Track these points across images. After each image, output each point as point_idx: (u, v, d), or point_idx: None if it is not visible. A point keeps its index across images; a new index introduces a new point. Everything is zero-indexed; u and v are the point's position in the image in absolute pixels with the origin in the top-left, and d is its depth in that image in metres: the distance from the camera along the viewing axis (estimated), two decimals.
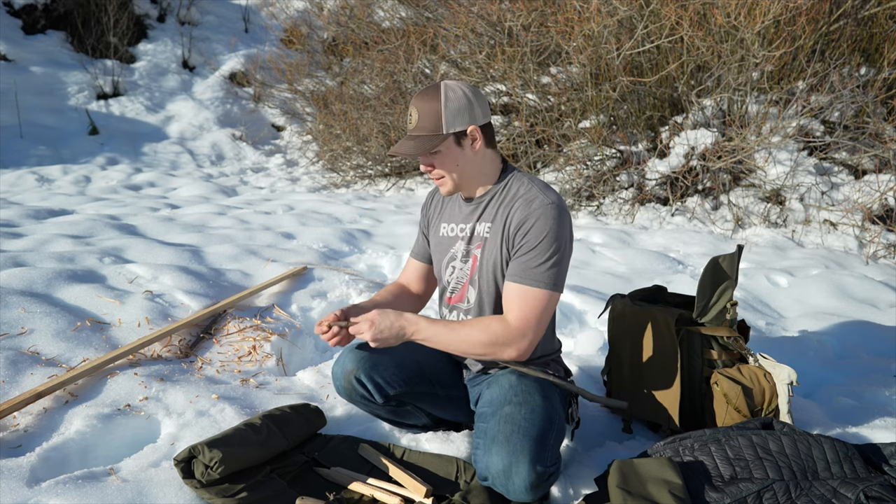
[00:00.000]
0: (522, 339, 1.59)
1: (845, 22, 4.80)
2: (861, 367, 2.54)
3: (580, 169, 5.55)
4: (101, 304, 2.64)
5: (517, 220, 1.63)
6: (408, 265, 2.01)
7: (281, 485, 1.64)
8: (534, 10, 5.72)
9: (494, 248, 1.69)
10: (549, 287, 1.60)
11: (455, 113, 1.63)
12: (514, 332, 1.59)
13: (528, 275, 1.60)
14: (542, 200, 1.62)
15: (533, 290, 1.59)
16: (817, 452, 1.56)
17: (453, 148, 1.66)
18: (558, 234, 1.61)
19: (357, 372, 1.74)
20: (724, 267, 1.96)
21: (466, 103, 1.64)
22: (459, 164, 1.68)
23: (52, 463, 1.70)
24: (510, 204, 1.68)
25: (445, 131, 1.63)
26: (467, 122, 1.65)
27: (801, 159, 4.82)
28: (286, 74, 9.53)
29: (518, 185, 1.70)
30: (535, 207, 1.62)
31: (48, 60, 9.24)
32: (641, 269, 3.78)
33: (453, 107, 1.63)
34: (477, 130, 1.66)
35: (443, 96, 1.63)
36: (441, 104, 1.62)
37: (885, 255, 4.16)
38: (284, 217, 5.04)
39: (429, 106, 1.63)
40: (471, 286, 1.77)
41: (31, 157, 7.78)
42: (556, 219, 1.61)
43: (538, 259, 1.60)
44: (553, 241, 1.60)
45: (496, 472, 1.48)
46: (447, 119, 1.62)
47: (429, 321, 1.64)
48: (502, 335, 1.59)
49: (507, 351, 1.60)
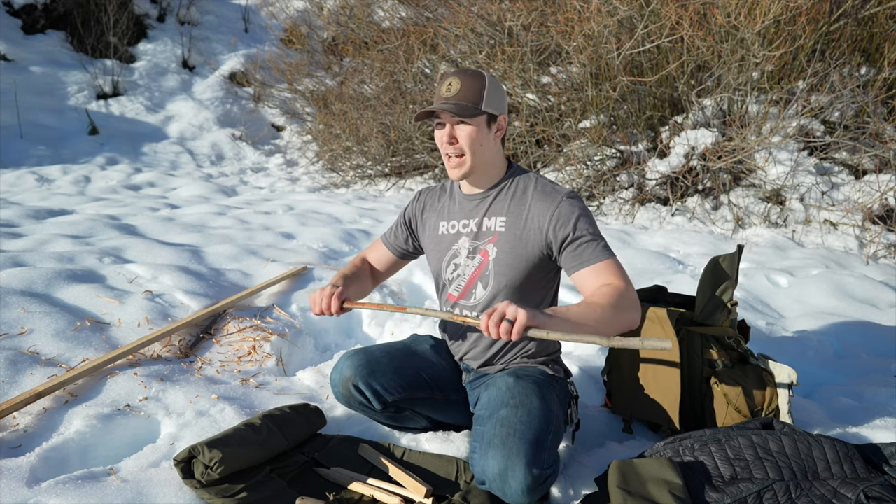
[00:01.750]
0: (636, 300, 1.60)
1: (846, 22, 4.80)
2: (861, 367, 2.54)
3: (580, 169, 5.55)
4: (100, 304, 2.64)
5: (553, 217, 1.68)
6: (378, 248, 2.05)
7: (281, 485, 1.64)
8: (534, 9, 5.72)
9: (514, 242, 1.72)
10: (612, 255, 1.66)
11: (495, 96, 1.70)
12: (629, 295, 1.58)
13: (597, 254, 1.64)
14: (561, 192, 1.71)
15: (608, 263, 1.64)
16: (817, 452, 1.56)
17: (483, 127, 1.70)
18: (587, 211, 1.70)
19: (355, 379, 1.74)
20: (725, 267, 1.96)
21: (503, 93, 1.74)
22: (483, 144, 1.72)
23: (51, 463, 1.70)
24: (524, 199, 1.73)
25: (483, 107, 1.68)
26: (501, 109, 1.72)
27: (802, 159, 4.81)
28: (286, 74, 9.53)
29: (527, 182, 1.77)
30: (563, 200, 1.68)
31: (48, 60, 9.23)
32: (641, 269, 3.77)
33: (494, 91, 1.70)
34: (505, 120, 1.74)
35: (487, 78, 1.70)
36: (485, 84, 1.69)
37: (886, 255, 4.16)
38: (284, 217, 5.04)
39: (472, 81, 1.68)
40: (479, 282, 1.76)
41: (30, 156, 7.78)
42: (580, 201, 1.71)
43: (593, 240, 1.66)
44: (590, 218, 1.69)
45: (492, 475, 1.48)
46: (488, 98, 1.69)
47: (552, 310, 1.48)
48: (627, 300, 1.56)
49: (636, 315, 1.58)
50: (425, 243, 1.93)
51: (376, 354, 1.79)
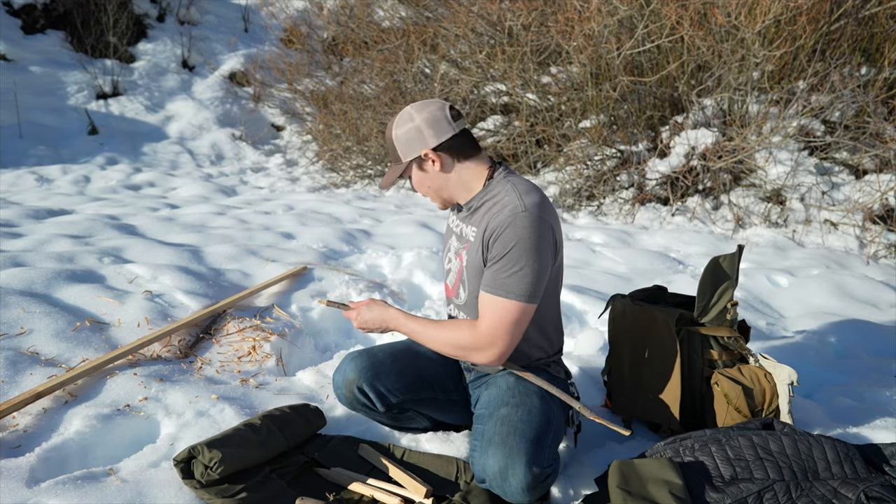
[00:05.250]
0: (490, 347, 1.58)
1: (846, 21, 4.79)
2: (861, 367, 2.54)
3: (580, 169, 5.55)
4: (100, 304, 2.64)
5: (491, 227, 1.59)
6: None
7: (281, 485, 1.64)
8: (534, 9, 5.71)
9: (475, 252, 1.67)
10: (520, 298, 1.54)
11: (406, 143, 1.66)
12: (482, 339, 1.58)
13: (497, 285, 1.56)
14: (515, 208, 1.55)
15: (502, 301, 1.55)
16: (818, 453, 1.56)
17: (418, 173, 1.70)
18: (530, 243, 1.53)
19: (359, 381, 1.74)
20: (725, 267, 1.96)
21: (414, 131, 1.64)
22: (431, 185, 1.71)
23: (51, 463, 1.70)
24: (490, 209, 1.64)
25: (405, 160, 1.68)
26: (419, 148, 1.65)
27: (802, 159, 4.81)
28: (286, 74, 9.51)
29: (499, 190, 1.64)
30: (506, 215, 1.55)
31: (48, 60, 9.23)
32: (642, 269, 3.77)
33: (403, 137, 1.66)
34: (432, 153, 1.64)
35: (395, 128, 1.67)
36: (393, 136, 1.68)
37: (886, 255, 4.16)
38: (284, 217, 5.04)
39: (389, 137, 1.70)
40: (461, 283, 1.77)
41: (30, 156, 7.77)
42: (528, 227, 1.53)
43: (508, 269, 1.54)
44: (524, 250, 1.53)
45: (492, 474, 1.48)
46: (402, 149, 1.67)
47: (408, 318, 1.71)
48: (470, 341, 1.60)
49: (476, 356, 1.62)
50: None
51: (379, 356, 1.79)
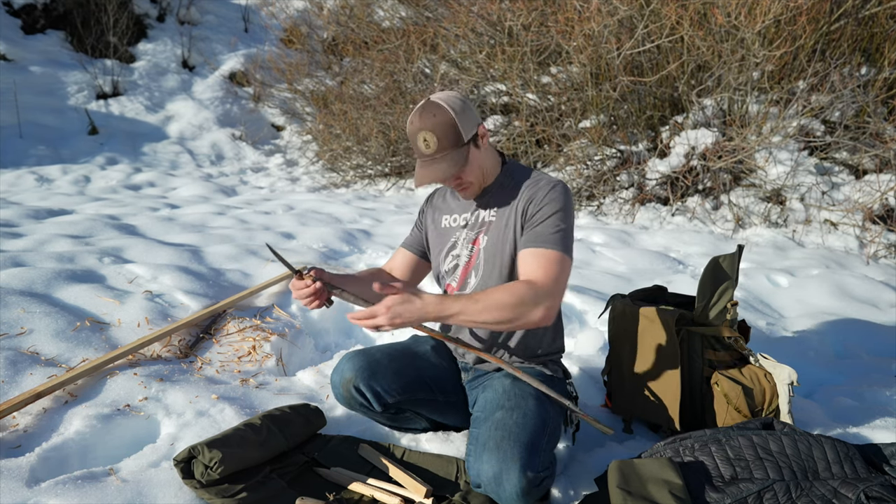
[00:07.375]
0: (549, 297, 1.57)
1: (846, 21, 4.79)
2: (861, 367, 2.54)
3: (580, 169, 5.55)
4: (100, 304, 2.64)
5: (527, 196, 1.70)
6: (397, 255, 2.02)
7: (281, 485, 1.64)
8: (534, 9, 5.72)
9: (501, 228, 1.73)
10: (566, 252, 1.64)
11: (465, 119, 1.67)
12: (540, 290, 1.56)
13: (544, 239, 1.64)
14: (550, 180, 1.73)
15: (551, 252, 1.62)
16: (818, 452, 1.56)
17: (475, 152, 1.71)
18: (569, 209, 1.69)
19: (356, 381, 1.73)
20: (725, 267, 1.96)
21: (467, 107, 1.70)
22: (482, 165, 1.74)
23: (51, 463, 1.69)
24: (515, 189, 1.74)
25: (466, 139, 1.67)
26: (476, 122, 1.71)
27: (802, 159, 4.81)
28: (286, 74, 9.52)
29: (521, 174, 1.78)
30: (544, 184, 1.71)
31: (48, 60, 9.23)
32: (642, 269, 3.77)
33: (462, 114, 1.67)
34: (482, 126, 1.73)
35: (449, 109, 1.65)
36: (453, 115, 1.64)
37: (886, 254, 4.16)
38: (284, 217, 5.04)
39: (442, 124, 1.63)
40: (473, 271, 1.77)
41: (30, 156, 7.77)
42: (564, 194, 1.70)
43: (552, 227, 1.65)
44: (566, 214, 1.67)
45: (487, 478, 1.47)
46: (463, 127, 1.66)
47: (447, 298, 1.56)
48: (530, 295, 1.55)
49: (535, 312, 1.55)
50: (430, 237, 1.93)
51: (377, 356, 1.79)
